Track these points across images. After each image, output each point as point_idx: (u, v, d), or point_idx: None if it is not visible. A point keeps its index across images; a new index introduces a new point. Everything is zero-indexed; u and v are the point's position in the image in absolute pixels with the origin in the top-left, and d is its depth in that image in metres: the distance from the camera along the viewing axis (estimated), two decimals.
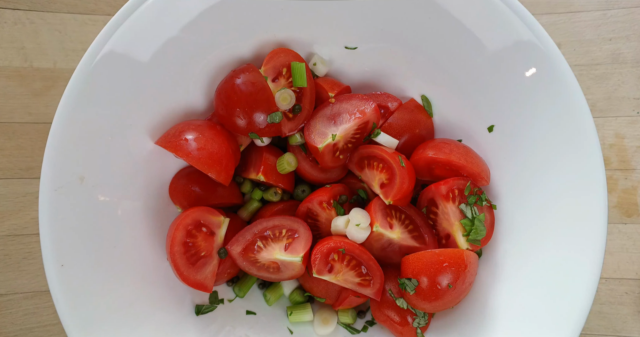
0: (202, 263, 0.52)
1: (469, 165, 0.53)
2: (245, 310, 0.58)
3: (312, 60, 0.58)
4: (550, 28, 0.70)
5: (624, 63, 0.69)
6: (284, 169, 0.56)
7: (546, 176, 0.51)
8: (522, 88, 0.51)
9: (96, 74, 0.48)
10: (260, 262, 0.53)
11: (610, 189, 0.67)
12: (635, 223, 0.66)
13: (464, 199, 0.53)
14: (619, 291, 0.65)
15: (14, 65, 0.66)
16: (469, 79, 0.54)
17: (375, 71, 0.59)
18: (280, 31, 0.55)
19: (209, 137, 0.52)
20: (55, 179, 0.47)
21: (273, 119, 0.53)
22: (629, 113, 0.68)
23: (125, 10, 0.48)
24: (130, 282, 0.51)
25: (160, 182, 0.56)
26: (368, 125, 0.55)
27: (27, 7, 0.68)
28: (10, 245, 0.64)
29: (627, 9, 0.70)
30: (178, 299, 0.54)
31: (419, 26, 0.53)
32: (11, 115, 0.65)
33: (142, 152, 0.53)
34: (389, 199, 0.53)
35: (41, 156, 0.47)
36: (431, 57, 0.55)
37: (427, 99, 0.59)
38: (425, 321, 0.54)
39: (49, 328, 0.63)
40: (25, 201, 0.65)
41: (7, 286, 0.63)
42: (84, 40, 0.68)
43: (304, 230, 0.54)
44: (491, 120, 0.55)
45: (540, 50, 0.49)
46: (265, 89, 0.52)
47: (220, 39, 0.53)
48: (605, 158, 0.67)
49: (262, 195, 0.59)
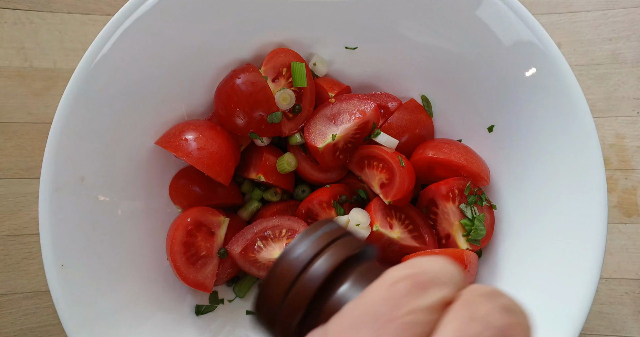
0: (202, 263, 0.52)
1: (469, 165, 0.53)
2: (245, 310, 0.58)
3: (312, 60, 0.58)
4: (550, 28, 0.69)
5: (624, 63, 0.69)
6: (284, 169, 0.56)
7: (546, 175, 0.51)
8: (522, 88, 0.51)
9: (96, 74, 0.48)
10: (260, 262, 0.53)
11: (610, 189, 0.67)
12: (635, 223, 0.66)
13: (464, 199, 0.53)
14: (619, 291, 0.65)
15: (14, 65, 0.66)
16: (469, 79, 0.54)
17: (375, 71, 0.59)
18: (280, 31, 0.55)
19: (209, 137, 0.52)
20: (55, 179, 0.47)
21: (273, 119, 0.53)
22: (629, 113, 0.68)
23: (125, 10, 0.48)
24: (130, 282, 0.51)
25: (160, 182, 0.56)
26: (368, 125, 0.55)
27: (27, 7, 0.68)
28: (10, 245, 0.64)
29: (627, 9, 0.70)
30: (178, 299, 0.54)
31: (419, 26, 0.53)
32: (11, 115, 0.65)
33: (142, 152, 0.53)
34: (389, 199, 0.53)
35: (41, 156, 0.47)
36: (431, 57, 0.55)
37: (427, 99, 0.59)
38: None
39: (49, 328, 0.63)
40: (25, 201, 0.64)
41: (7, 286, 0.63)
42: (84, 40, 0.68)
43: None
44: (491, 120, 0.55)
45: (540, 50, 0.49)
46: (265, 89, 0.52)
47: (220, 39, 0.53)
48: (605, 158, 0.67)
49: (262, 195, 0.59)
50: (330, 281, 0.22)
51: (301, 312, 0.21)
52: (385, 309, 0.18)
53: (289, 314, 0.22)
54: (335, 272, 0.22)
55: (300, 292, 0.22)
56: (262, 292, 0.23)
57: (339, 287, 0.22)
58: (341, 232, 0.24)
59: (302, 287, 0.22)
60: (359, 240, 0.24)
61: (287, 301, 0.22)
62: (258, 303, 0.23)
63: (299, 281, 0.22)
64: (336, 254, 0.22)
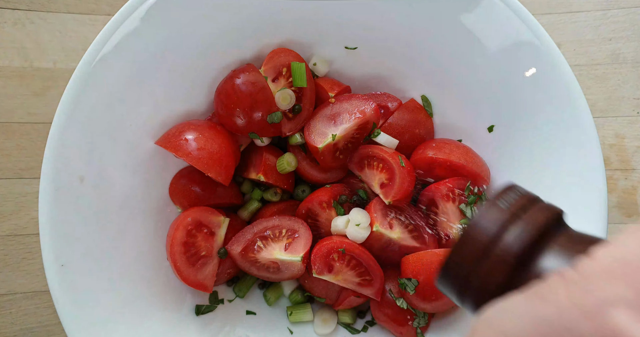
0: (202, 263, 0.52)
1: (469, 165, 0.53)
2: (245, 310, 0.58)
3: (312, 60, 0.58)
4: (550, 28, 0.69)
5: (624, 63, 0.69)
6: (284, 169, 0.56)
7: (546, 175, 0.51)
8: (522, 88, 0.51)
9: (96, 74, 0.48)
10: (260, 262, 0.53)
11: (610, 189, 0.67)
12: (635, 223, 0.66)
13: (464, 199, 0.53)
14: None
15: (14, 65, 0.66)
16: (469, 79, 0.54)
17: (375, 71, 0.59)
18: (280, 31, 0.55)
19: (209, 137, 0.52)
20: (55, 179, 0.47)
21: (273, 119, 0.53)
22: (629, 113, 0.68)
23: (125, 10, 0.48)
24: (130, 282, 0.51)
25: (160, 182, 0.56)
26: (368, 125, 0.55)
27: (27, 7, 0.68)
28: (10, 245, 0.64)
29: (627, 9, 0.70)
30: (178, 299, 0.54)
31: (419, 26, 0.53)
32: (11, 115, 0.65)
33: (142, 152, 0.53)
34: (389, 199, 0.53)
35: (41, 156, 0.47)
36: (431, 57, 0.55)
37: (427, 99, 0.59)
38: (425, 321, 0.54)
39: (49, 328, 0.63)
40: (25, 201, 0.64)
41: (7, 286, 0.63)
42: (84, 40, 0.68)
43: (304, 230, 0.54)
44: (491, 120, 0.55)
45: (540, 50, 0.49)
46: (265, 89, 0.52)
47: (221, 39, 0.53)
48: (605, 158, 0.67)
49: (262, 195, 0.59)
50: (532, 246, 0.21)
51: (505, 272, 0.21)
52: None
53: (491, 274, 0.21)
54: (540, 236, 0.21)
55: (503, 254, 0.21)
56: (459, 250, 0.22)
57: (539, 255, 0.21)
58: (532, 196, 0.24)
59: (504, 250, 0.21)
60: (553, 206, 0.24)
61: (486, 258, 0.21)
62: (451, 260, 0.22)
63: (500, 243, 0.21)
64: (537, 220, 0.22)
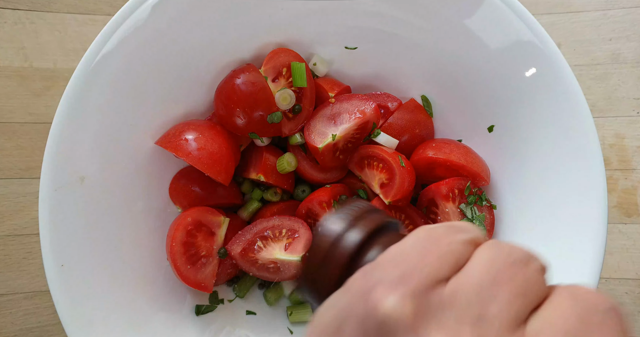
0: (202, 263, 0.52)
1: (469, 165, 0.53)
2: (245, 310, 0.58)
3: (312, 60, 0.58)
4: (550, 28, 0.69)
5: (624, 63, 0.69)
6: (284, 169, 0.56)
7: (546, 175, 0.51)
8: (522, 88, 0.51)
9: (96, 74, 0.48)
10: (260, 262, 0.53)
11: (610, 189, 0.67)
12: (635, 223, 0.66)
13: (464, 199, 0.53)
14: (619, 291, 0.65)
15: (14, 65, 0.66)
16: (469, 79, 0.54)
17: (375, 71, 0.59)
18: (280, 31, 0.55)
19: (209, 137, 0.52)
20: (55, 179, 0.47)
21: (273, 119, 0.53)
22: (629, 113, 0.68)
23: (125, 10, 0.48)
24: (130, 282, 0.51)
25: (160, 182, 0.56)
26: (368, 125, 0.55)
27: (27, 7, 0.68)
28: (10, 245, 0.64)
29: (627, 9, 0.70)
30: (178, 299, 0.54)
31: (419, 26, 0.53)
32: (11, 115, 0.65)
33: (142, 152, 0.53)
34: (389, 199, 0.53)
35: (41, 156, 0.47)
36: (431, 57, 0.55)
37: (427, 99, 0.59)
38: None
39: (49, 328, 0.63)
40: (25, 201, 0.64)
41: (7, 286, 0.63)
42: (84, 40, 0.68)
43: (304, 230, 0.54)
44: (491, 120, 0.55)
45: (540, 50, 0.49)
46: (265, 89, 0.52)
47: (220, 39, 0.53)
48: (605, 158, 0.67)
49: (262, 195, 0.59)
50: (362, 248, 0.26)
51: (338, 272, 0.25)
52: (427, 243, 0.22)
53: (328, 275, 0.26)
54: (367, 240, 0.26)
55: (338, 256, 0.25)
56: (308, 258, 0.27)
57: (369, 253, 0.26)
58: (370, 208, 0.28)
59: (339, 253, 0.26)
60: (386, 215, 0.29)
61: (325, 262, 0.26)
62: (303, 266, 0.27)
63: (336, 248, 0.26)
64: (367, 225, 0.26)
